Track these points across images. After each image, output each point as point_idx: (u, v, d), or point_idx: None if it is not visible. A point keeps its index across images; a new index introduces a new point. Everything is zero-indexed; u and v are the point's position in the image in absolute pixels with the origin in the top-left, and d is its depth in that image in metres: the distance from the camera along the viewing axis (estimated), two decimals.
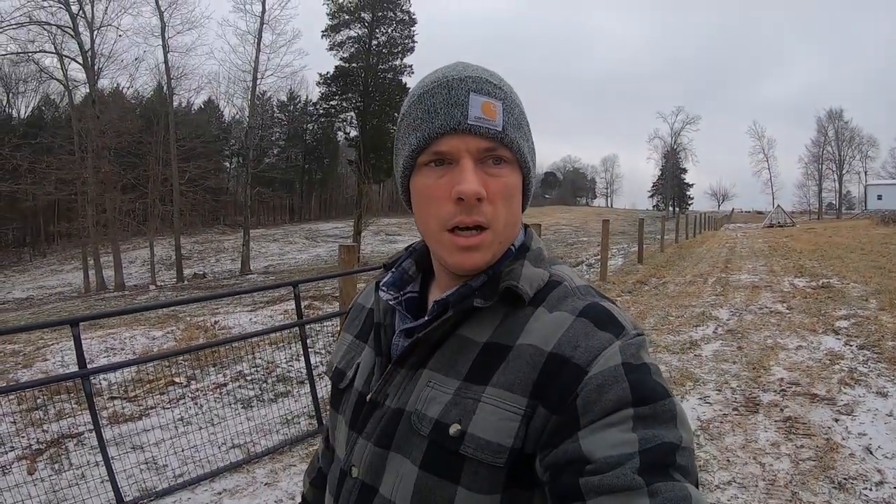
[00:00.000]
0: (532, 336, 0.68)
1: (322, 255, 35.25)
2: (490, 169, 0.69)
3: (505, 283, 0.70)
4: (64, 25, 25.42)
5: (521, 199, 0.74)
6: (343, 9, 33.17)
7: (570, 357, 0.64)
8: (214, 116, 54.32)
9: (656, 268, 13.16)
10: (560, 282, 0.73)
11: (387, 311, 0.80)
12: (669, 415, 0.61)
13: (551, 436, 0.62)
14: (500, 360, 0.68)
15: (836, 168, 72.83)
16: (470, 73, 0.70)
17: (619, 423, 0.59)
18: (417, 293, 0.82)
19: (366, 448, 0.74)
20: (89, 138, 25.59)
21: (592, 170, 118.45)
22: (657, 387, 0.62)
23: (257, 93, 32.21)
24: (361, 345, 0.85)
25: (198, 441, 4.09)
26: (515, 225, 0.74)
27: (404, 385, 0.73)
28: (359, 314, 0.91)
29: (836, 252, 14.38)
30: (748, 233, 31.10)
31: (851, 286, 8.92)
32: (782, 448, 3.58)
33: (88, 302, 20.20)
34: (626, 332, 0.66)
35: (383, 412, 0.74)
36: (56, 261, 41.28)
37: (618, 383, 0.61)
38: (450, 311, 0.71)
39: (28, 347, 7.31)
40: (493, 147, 0.68)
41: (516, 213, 0.73)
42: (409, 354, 0.74)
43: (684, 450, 0.59)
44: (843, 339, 5.94)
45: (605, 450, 0.58)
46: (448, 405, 0.68)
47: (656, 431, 0.59)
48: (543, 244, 0.79)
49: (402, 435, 0.71)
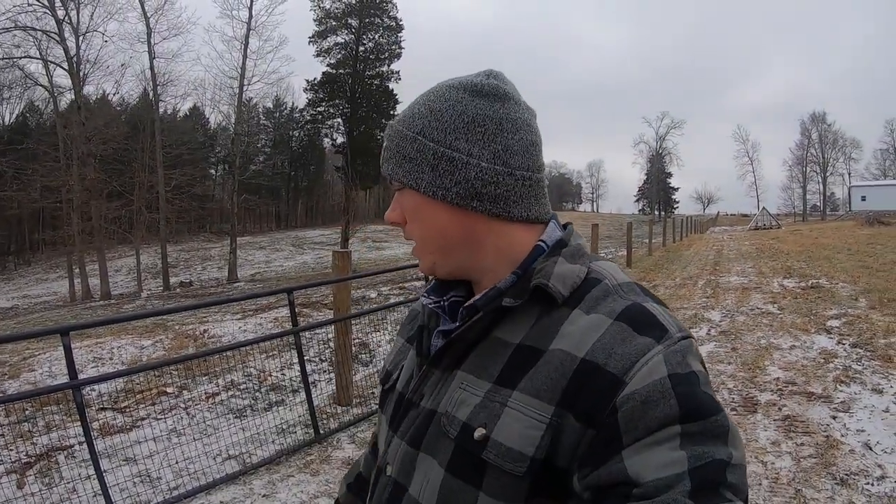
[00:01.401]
0: (565, 341, 0.65)
1: (309, 262, 35.10)
2: (399, 197, 0.78)
3: (535, 282, 0.69)
4: (49, 31, 25.23)
5: (437, 210, 0.73)
6: (330, 15, 33.27)
7: (605, 364, 0.61)
8: (200, 123, 53.97)
9: (645, 271, 13.22)
10: (600, 279, 0.71)
11: (431, 315, 0.83)
12: (720, 430, 0.58)
13: (591, 453, 0.60)
14: (530, 365, 0.66)
15: (820, 170, 73.89)
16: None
17: (667, 441, 0.57)
18: (462, 297, 0.80)
19: (399, 447, 0.75)
20: (74, 145, 25.42)
21: (578, 175, 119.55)
22: (707, 400, 0.59)
23: (244, 99, 32.07)
24: (409, 348, 0.87)
25: (192, 452, 4.00)
26: (439, 236, 0.75)
27: (439, 386, 0.74)
28: (412, 320, 0.91)
29: (823, 253, 14.54)
30: (734, 235, 31.36)
31: (840, 286, 9.01)
32: (783, 446, 3.59)
33: (74, 311, 19.94)
34: (669, 335, 0.63)
35: (418, 412, 0.75)
36: (41, 269, 40.84)
37: (665, 399, 0.58)
38: (479, 312, 0.71)
39: (14, 357, 7.17)
40: (389, 180, 0.77)
41: (433, 227, 0.75)
42: (444, 355, 0.74)
43: (736, 467, 0.56)
44: (836, 337, 5.98)
45: (653, 471, 0.55)
46: (477, 408, 0.67)
47: (706, 449, 0.56)
48: (584, 240, 0.77)
49: (432, 436, 0.71)
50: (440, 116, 0.72)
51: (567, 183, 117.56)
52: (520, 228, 0.74)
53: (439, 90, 0.75)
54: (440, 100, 0.73)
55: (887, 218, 29.78)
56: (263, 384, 5.61)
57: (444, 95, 0.74)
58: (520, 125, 0.73)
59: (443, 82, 0.77)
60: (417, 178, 0.73)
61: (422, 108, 0.74)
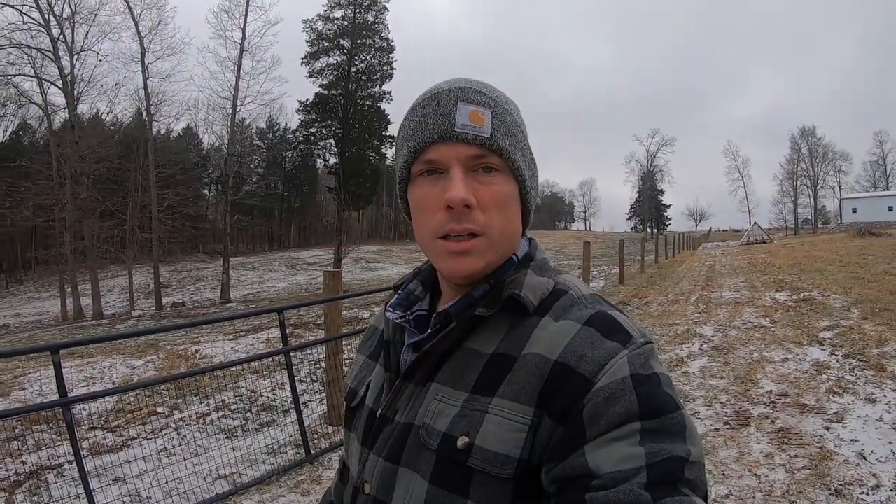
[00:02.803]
0: (538, 345, 0.67)
1: (302, 282, 34.97)
2: (481, 177, 0.70)
3: (507, 292, 0.70)
4: (44, 49, 25.28)
5: (518, 208, 0.74)
6: (322, 36, 33.52)
7: (576, 367, 0.63)
8: (193, 143, 54.08)
9: (638, 288, 13.25)
10: (566, 290, 0.73)
11: (396, 330, 0.81)
12: (678, 428, 0.60)
13: (557, 448, 0.61)
14: (507, 371, 0.67)
15: (810, 184, 74.51)
16: (461, 85, 0.72)
17: (626, 437, 0.58)
18: (426, 311, 0.81)
19: (377, 464, 0.74)
20: (68, 164, 25.28)
21: (570, 194, 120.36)
22: (667, 399, 0.61)
23: (237, 120, 32.16)
24: (373, 364, 0.86)
25: (182, 472, 3.96)
26: (514, 235, 0.74)
27: (413, 399, 0.73)
28: (371, 336, 0.91)
29: (814, 265, 14.62)
30: (727, 251, 31.49)
31: (832, 298, 9.05)
32: (776, 459, 3.58)
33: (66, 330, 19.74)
34: (633, 340, 0.65)
35: (393, 427, 0.74)
36: (33, 288, 40.52)
37: (625, 396, 0.60)
38: (453, 321, 0.72)
39: (5, 376, 7.11)
40: (482, 154, 0.69)
41: (513, 223, 0.73)
42: (417, 368, 0.74)
43: (693, 464, 0.58)
44: (828, 349, 5.99)
45: (612, 465, 0.57)
46: (456, 418, 0.67)
47: (664, 445, 0.58)
48: (549, 255, 0.80)
49: (411, 449, 0.70)
50: (520, 119, 0.76)
51: (559, 202, 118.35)
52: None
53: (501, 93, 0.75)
54: (512, 104, 0.75)
55: (878, 229, 30.07)
56: (254, 404, 5.57)
57: (510, 101, 0.75)
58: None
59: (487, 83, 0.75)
60: (527, 170, 0.73)
61: (509, 103, 0.74)
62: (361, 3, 33.72)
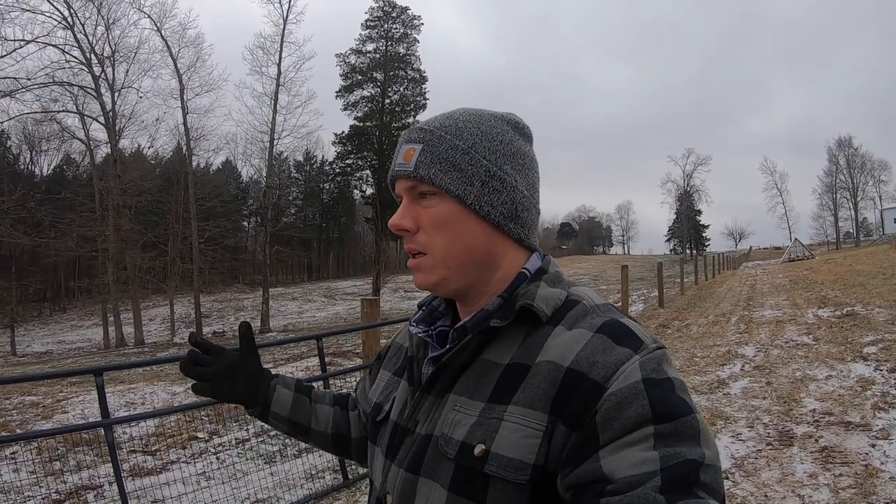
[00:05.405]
0: (551, 353, 0.69)
1: (341, 312, 35.11)
2: (420, 203, 0.78)
3: (520, 303, 0.73)
4: (86, 86, 26.22)
5: (470, 224, 0.76)
6: (356, 69, 34.13)
7: (588, 373, 0.65)
8: (232, 176, 55.26)
9: (678, 310, 13.03)
10: (579, 300, 0.75)
11: (419, 345, 0.85)
12: (692, 431, 0.61)
13: (572, 454, 0.63)
14: (521, 379, 0.69)
15: (850, 196, 71.77)
16: (412, 126, 0.82)
17: (640, 442, 0.59)
18: (448, 326, 0.84)
19: (399, 474, 0.76)
20: (110, 197, 26.09)
21: (608, 218, 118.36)
22: (679, 402, 0.62)
23: (274, 153, 32.74)
24: (398, 380, 0.89)
25: (219, 496, 4.03)
26: (466, 251, 0.76)
27: (432, 411, 0.76)
28: (396, 353, 0.95)
29: (857, 280, 14.18)
30: (768, 269, 30.72)
31: (876, 311, 8.76)
32: (820, 478, 3.46)
33: (108, 357, 20.29)
34: (645, 345, 0.67)
35: (414, 438, 0.77)
36: (76, 316, 41.62)
37: (638, 400, 0.61)
38: (469, 334, 0.75)
39: (48, 399, 7.32)
40: (414, 184, 0.77)
41: (463, 239, 0.76)
42: (436, 380, 0.77)
43: (708, 467, 0.59)
44: (873, 364, 5.79)
45: (626, 469, 0.58)
46: (473, 427, 0.70)
47: (678, 449, 0.59)
48: (562, 269, 0.82)
49: (430, 459, 0.73)
50: (491, 139, 0.78)
51: (597, 227, 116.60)
52: (523, 255, 0.80)
53: (483, 115, 0.80)
54: (488, 124, 0.79)
55: None
56: None
57: (490, 122, 0.79)
58: (536, 166, 0.83)
59: (476, 109, 0.81)
60: (466, 189, 0.76)
61: (470, 126, 0.78)
62: (392, 36, 34.34)
